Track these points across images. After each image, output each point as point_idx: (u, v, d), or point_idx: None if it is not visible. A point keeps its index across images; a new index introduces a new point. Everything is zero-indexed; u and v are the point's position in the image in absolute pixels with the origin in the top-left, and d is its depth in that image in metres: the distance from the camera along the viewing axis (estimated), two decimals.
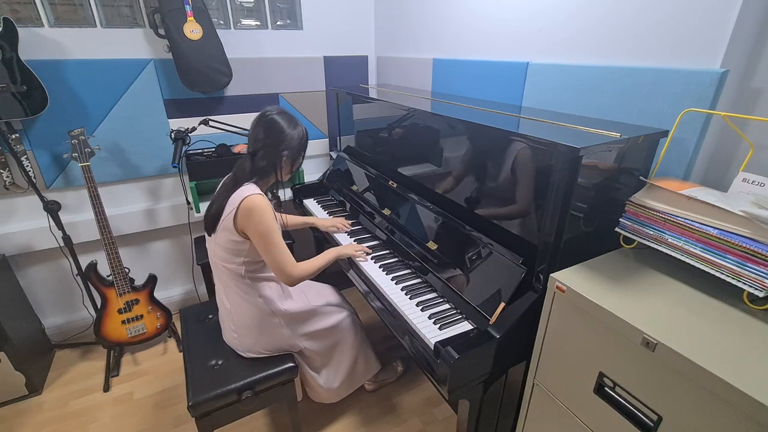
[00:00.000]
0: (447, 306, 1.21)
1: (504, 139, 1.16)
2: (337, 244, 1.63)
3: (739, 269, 0.81)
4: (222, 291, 1.37)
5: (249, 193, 1.21)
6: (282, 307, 1.36)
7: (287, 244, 1.97)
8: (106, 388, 1.85)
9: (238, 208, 1.20)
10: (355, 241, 1.62)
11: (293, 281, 1.30)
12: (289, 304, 1.39)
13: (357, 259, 1.48)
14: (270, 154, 1.28)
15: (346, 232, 1.68)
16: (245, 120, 2.13)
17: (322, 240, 1.80)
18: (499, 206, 1.22)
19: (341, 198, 1.98)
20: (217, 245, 1.29)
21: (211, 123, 1.88)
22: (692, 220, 0.88)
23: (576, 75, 1.28)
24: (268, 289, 1.36)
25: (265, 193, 1.36)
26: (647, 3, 1.08)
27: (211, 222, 1.28)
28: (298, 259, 1.31)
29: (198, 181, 1.94)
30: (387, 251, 1.52)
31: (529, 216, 1.10)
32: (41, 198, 1.71)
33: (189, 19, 1.76)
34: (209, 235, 1.32)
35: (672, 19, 1.04)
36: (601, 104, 1.22)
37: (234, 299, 1.33)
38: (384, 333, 2.11)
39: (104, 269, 1.81)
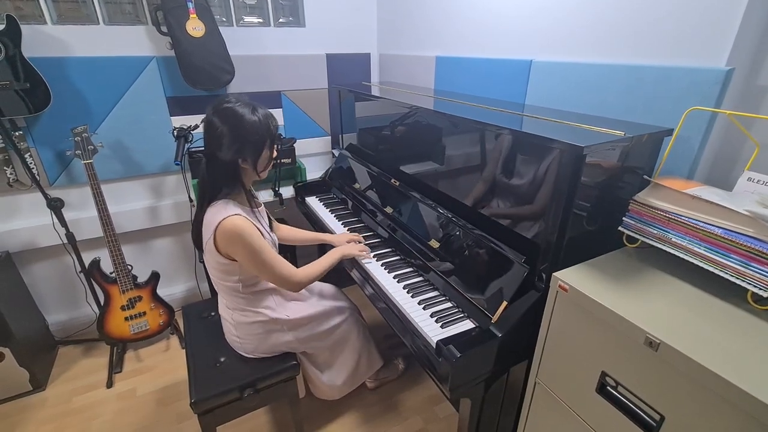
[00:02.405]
0: (449, 304, 1.21)
1: (507, 137, 1.16)
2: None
3: (743, 269, 0.81)
4: (223, 302, 1.36)
5: (224, 215, 1.10)
6: (284, 314, 1.34)
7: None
8: (109, 384, 1.86)
9: (215, 233, 1.12)
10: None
11: (298, 287, 1.27)
12: (291, 311, 1.36)
13: (362, 260, 1.44)
14: (229, 153, 1.11)
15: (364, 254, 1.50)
16: None
17: None
18: (502, 205, 1.21)
19: (343, 196, 1.98)
20: (209, 265, 1.26)
21: None
22: (697, 220, 0.88)
23: (579, 73, 1.27)
24: (270, 299, 1.34)
25: (254, 196, 1.30)
26: (647, 1, 1.07)
27: (196, 243, 1.24)
28: (300, 258, 1.30)
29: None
30: (389, 249, 1.52)
31: (532, 214, 1.09)
32: (44, 195, 1.72)
33: (191, 16, 1.76)
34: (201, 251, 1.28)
35: (673, 16, 1.03)
36: (605, 102, 1.22)
37: (236, 310, 1.32)
38: (385, 331, 2.12)
39: (107, 266, 1.82)
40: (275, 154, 1.23)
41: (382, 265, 1.42)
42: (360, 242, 1.54)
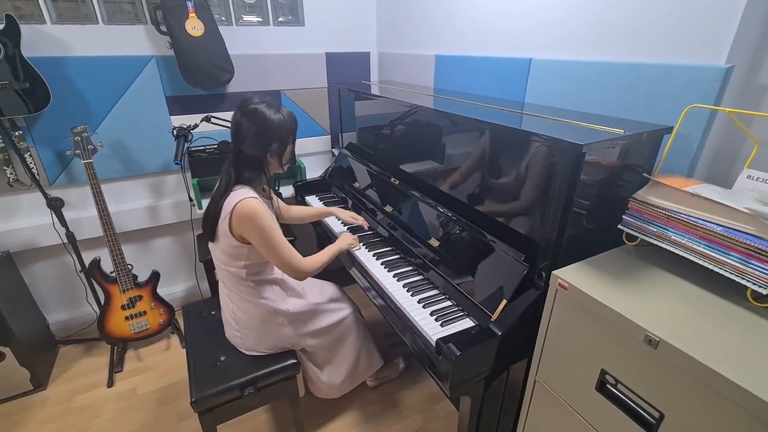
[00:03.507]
0: (449, 303, 1.21)
1: (507, 135, 1.16)
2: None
3: (743, 266, 0.81)
4: (225, 292, 1.37)
5: (241, 197, 1.18)
6: (284, 307, 1.36)
7: (289, 240, 1.99)
8: (110, 383, 1.86)
9: (231, 213, 1.18)
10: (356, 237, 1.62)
11: (303, 276, 1.31)
12: (292, 304, 1.39)
13: (353, 249, 1.50)
14: (256, 149, 1.22)
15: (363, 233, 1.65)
16: None
17: (324, 236, 1.80)
18: (502, 203, 1.21)
19: (343, 195, 1.98)
20: (217, 249, 1.29)
21: (213, 120, 1.88)
22: (696, 217, 0.88)
23: (579, 71, 1.27)
24: (271, 290, 1.36)
25: (264, 189, 1.35)
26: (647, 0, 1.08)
27: (209, 229, 1.27)
28: (301, 254, 1.31)
29: (200, 178, 1.94)
30: (389, 248, 1.52)
31: (531, 213, 1.10)
32: (44, 195, 1.72)
33: (191, 15, 1.76)
34: (210, 242, 1.31)
35: (673, 14, 1.03)
36: (605, 100, 1.22)
37: (237, 300, 1.34)
38: (386, 330, 2.12)
39: (107, 266, 1.82)
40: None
41: (381, 264, 1.42)
42: (358, 225, 1.65)
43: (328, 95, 2.33)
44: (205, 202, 1.96)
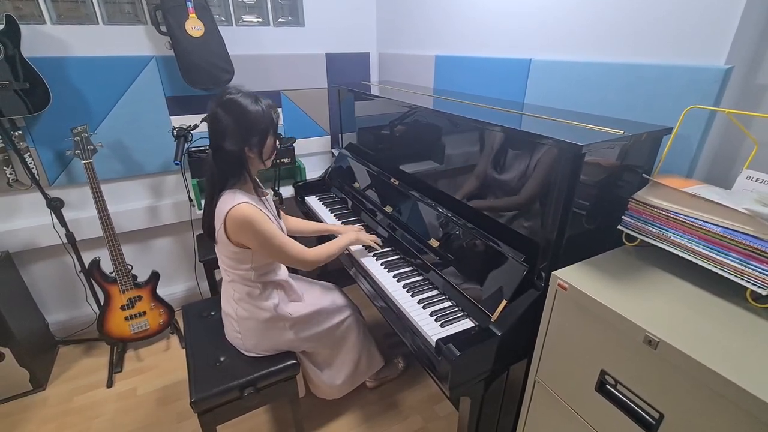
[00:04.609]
0: (448, 303, 1.21)
1: (506, 136, 1.16)
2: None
3: (742, 267, 0.81)
4: (229, 294, 1.37)
5: (232, 204, 1.13)
6: (287, 311, 1.35)
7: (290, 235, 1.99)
8: (110, 384, 1.86)
9: (225, 222, 1.15)
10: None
11: (310, 266, 1.32)
12: (294, 308, 1.38)
13: (361, 258, 1.46)
14: (235, 143, 1.14)
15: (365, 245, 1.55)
16: None
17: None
18: (502, 204, 1.21)
19: (343, 195, 1.98)
20: (221, 254, 1.28)
21: None
22: (695, 218, 0.88)
23: (579, 71, 1.27)
24: (276, 294, 1.36)
25: (257, 187, 1.30)
26: (647, 0, 1.08)
27: (208, 234, 1.27)
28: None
29: (200, 178, 1.94)
30: (389, 248, 1.52)
31: (531, 213, 1.10)
32: (44, 195, 1.72)
33: (191, 15, 1.76)
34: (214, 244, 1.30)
35: (673, 15, 1.03)
36: (605, 101, 1.22)
37: (240, 302, 1.33)
38: (385, 330, 2.12)
39: (107, 266, 1.82)
40: (277, 143, 1.26)
41: (381, 264, 1.42)
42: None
43: (328, 95, 2.33)
44: None
